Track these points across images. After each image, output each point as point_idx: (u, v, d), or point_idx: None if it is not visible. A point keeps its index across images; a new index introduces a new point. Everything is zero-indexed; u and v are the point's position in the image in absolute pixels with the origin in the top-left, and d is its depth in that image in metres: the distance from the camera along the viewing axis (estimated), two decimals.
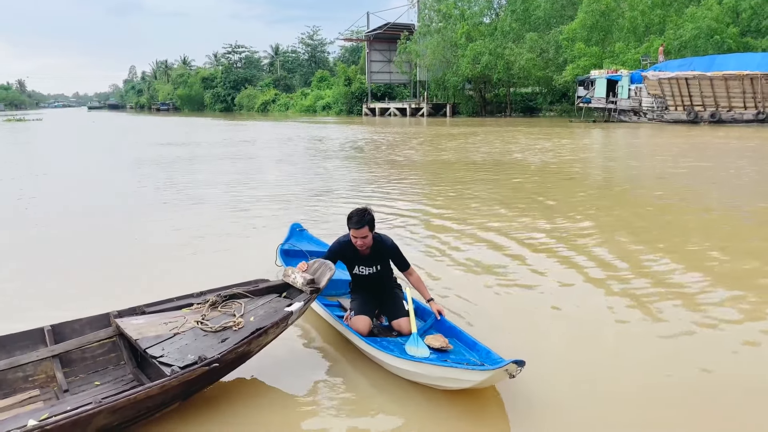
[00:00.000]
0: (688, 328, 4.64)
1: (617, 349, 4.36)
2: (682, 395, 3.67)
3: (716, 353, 4.24)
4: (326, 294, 4.94)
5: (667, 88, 32.20)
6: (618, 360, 4.17)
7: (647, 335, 4.53)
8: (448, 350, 3.86)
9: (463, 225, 8.46)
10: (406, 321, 4.27)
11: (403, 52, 56.03)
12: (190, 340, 3.69)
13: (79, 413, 2.85)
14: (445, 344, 3.88)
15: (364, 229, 4.20)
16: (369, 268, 4.45)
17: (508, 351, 3.82)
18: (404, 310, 4.37)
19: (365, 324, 4.26)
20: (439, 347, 3.88)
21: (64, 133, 40.43)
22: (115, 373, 3.83)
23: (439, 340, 3.93)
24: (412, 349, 3.89)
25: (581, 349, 4.36)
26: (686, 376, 3.90)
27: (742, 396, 3.65)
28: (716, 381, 3.87)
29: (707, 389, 3.78)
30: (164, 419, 3.39)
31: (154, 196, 11.98)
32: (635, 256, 6.64)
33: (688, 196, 10.89)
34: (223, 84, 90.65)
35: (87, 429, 2.90)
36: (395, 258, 4.47)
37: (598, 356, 4.26)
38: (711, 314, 4.87)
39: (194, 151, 22.93)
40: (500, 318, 4.92)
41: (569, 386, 3.80)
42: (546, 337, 4.54)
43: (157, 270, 6.59)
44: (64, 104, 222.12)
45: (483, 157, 18.29)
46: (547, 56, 43.25)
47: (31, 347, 3.76)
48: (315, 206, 10.28)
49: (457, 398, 3.57)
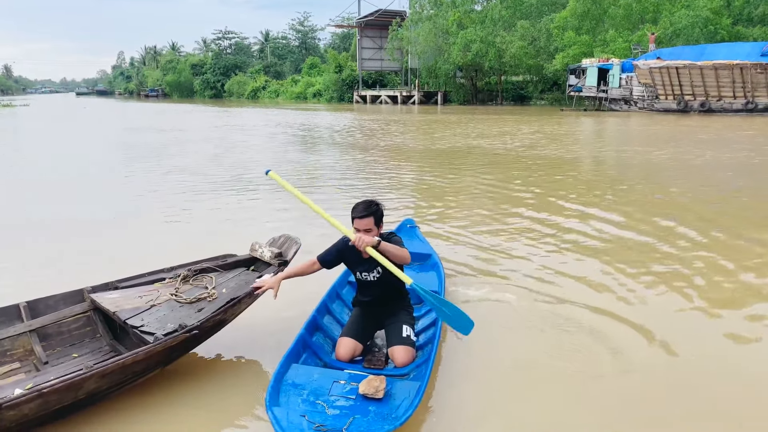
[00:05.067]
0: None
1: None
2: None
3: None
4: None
5: (657, 77, 32.28)
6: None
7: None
8: (377, 398, 3.17)
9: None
10: (401, 351, 3.63)
11: (394, 39, 55.77)
12: (167, 311, 3.81)
13: (72, 377, 2.99)
14: (374, 391, 3.16)
15: (369, 220, 3.58)
16: (370, 272, 3.80)
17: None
18: (402, 336, 3.70)
19: (347, 348, 3.73)
20: (365, 393, 3.19)
21: (55, 119, 40.07)
22: (92, 345, 3.92)
23: (372, 386, 3.20)
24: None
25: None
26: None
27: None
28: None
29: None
30: (146, 386, 3.53)
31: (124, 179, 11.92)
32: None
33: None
34: (213, 70, 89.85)
35: (79, 393, 3.06)
36: (394, 242, 3.72)
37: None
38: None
39: (179, 137, 22.79)
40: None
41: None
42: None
43: (128, 247, 6.77)
44: (51, 90, 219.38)
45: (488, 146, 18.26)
46: (538, 44, 43.23)
47: (7, 323, 3.83)
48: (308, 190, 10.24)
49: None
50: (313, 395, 3.22)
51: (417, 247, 5.46)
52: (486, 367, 3.83)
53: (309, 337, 3.84)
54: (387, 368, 3.64)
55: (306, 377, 3.39)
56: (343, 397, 3.21)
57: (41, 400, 2.87)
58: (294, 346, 3.63)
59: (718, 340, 4.20)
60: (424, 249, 5.44)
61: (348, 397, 3.20)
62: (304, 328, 3.84)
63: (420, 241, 5.67)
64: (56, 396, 2.94)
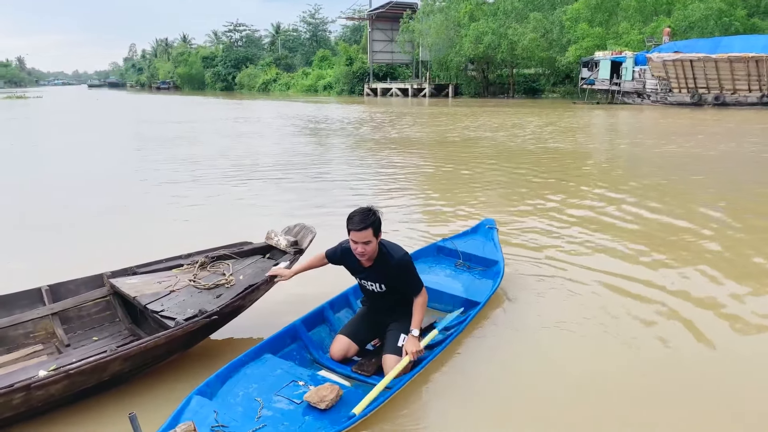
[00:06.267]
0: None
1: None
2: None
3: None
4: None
5: (671, 70, 31.94)
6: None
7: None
8: (320, 408, 3.02)
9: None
10: (391, 361, 3.41)
11: (405, 31, 55.46)
12: (186, 296, 3.87)
13: (98, 359, 3.08)
14: (317, 400, 3.02)
15: (366, 233, 3.33)
16: (374, 283, 3.59)
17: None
18: (396, 345, 3.50)
19: (340, 348, 3.59)
20: (309, 401, 3.05)
21: (69, 111, 40.37)
22: (111, 329, 4.00)
23: (319, 395, 3.05)
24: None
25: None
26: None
27: None
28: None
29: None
30: (164, 371, 3.59)
31: (141, 174, 12.01)
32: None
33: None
34: (224, 63, 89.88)
35: (103, 375, 3.15)
36: (403, 279, 3.51)
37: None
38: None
39: (195, 127, 22.90)
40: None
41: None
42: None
43: (143, 234, 6.95)
44: (63, 82, 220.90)
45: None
46: (550, 37, 42.85)
47: (30, 306, 3.92)
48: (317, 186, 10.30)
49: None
50: (259, 391, 3.12)
51: (487, 251, 5.24)
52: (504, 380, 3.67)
53: (304, 330, 3.77)
54: (374, 377, 3.41)
55: (267, 370, 3.29)
56: (287, 399, 3.08)
57: (68, 381, 2.96)
58: (274, 338, 3.56)
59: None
60: (492, 254, 5.16)
61: (293, 401, 3.07)
62: (300, 320, 3.79)
63: (492, 245, 5.35)
64: (82, 377, 3.03)
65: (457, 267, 5.14)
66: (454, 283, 4.79)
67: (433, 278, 4.76)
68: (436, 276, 4.91)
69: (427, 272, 4.90)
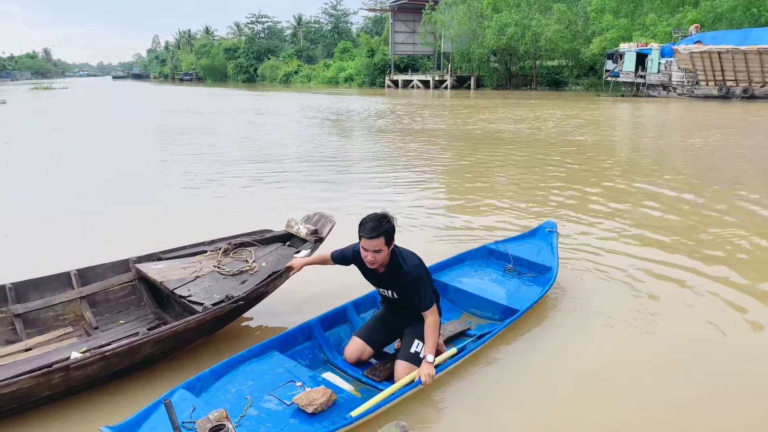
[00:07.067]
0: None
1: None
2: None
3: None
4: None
5: (698, 62, 31.33)
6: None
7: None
8: (307, 412, 2.90)
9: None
10: (402, 368, 3.26)
11: (427, 22, 55.15)
12: (211, 282, 3.94)
13: (131, 342, 3.19)
14: (306, 403, 2.90)
15: (378, 241, 3.14)
16: (386, 290, 3.45)
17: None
18: (409, 351, 3.36)
19: (354, 350, 3.48)
20: (297, 403, 2.93)
21: (95, 102, 40.97)
22: (138, 313, 4.10)
23: (309, 398, 2.94)
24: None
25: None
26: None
27: None
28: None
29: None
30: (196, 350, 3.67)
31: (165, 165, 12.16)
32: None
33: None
34: (246, 55, 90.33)
35: (135, 357, 3.26)
36: (410, 292, 3.29)
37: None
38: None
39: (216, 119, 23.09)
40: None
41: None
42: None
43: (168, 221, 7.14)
44: (88, 73, 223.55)
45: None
46: (575, 28, 42.30)
47: (59, 289, 4.03)
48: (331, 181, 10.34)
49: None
50: (253, 389, 3.03)
51: (541, 256, 4.91)
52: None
53: (320, 329, 3.65)
54: (384, 383, 3.25)
55: (269, 368, 3.21)
56: (278, 400, 2.97)
57: (103, 362, 3.08)
58: (284, 335, 3.50)
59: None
60: (546, 260, 4.82)
61: (283, 401, 2.96)
62: (317, 318, 3.69)
63: (549, 250, 4.98)
64: (117, 359, 3.14)
65: (506, 272, 4.86)
66: (497, 289, 4.51)
67: (476, 282, 4.58)
68: (480, 281, 4.66)
69: (472, 276, 4.73)
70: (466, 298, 4.35)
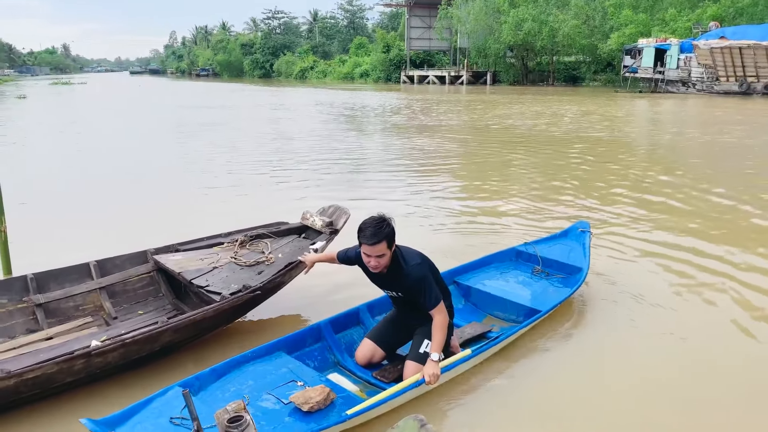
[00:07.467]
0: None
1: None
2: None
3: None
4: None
5: (719, 58, 30.85)
6: None
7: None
8: (302, 411, 2.85)
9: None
10: (411, 368, 3.21)
11: (444, 17, 54.85)
12: (228, 272, 3.99)
13: (151, 330, 3.26)
14: (302, 402, 2.86)
15: (380, 246, 3.06)
16: (390, 291, 3.41)
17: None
18: (418, 351, 3.29)
19: (364, 352, 3.42)
20: (293, 402, 2.88)
21: (114, 96, 41.43)
22: (156, 303, 4.17)
23: (305, 396, 2.89)
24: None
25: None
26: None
27: None
28: None
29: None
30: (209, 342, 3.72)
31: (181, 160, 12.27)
32: None
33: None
34: (262, 50, 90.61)
35: (154, 345, 3.33)
36: (414, 291, 3.21)
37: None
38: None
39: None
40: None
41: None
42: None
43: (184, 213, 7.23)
44: (106, 69, 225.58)
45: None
46: (592, 23, 41.86)
47: (79, 280, 4.11)
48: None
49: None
50: (252, 388, 3.00)
51: (572, 256, 4.77)
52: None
53: (330, 331, 3.59)
54: (393, 384, 3.15)
55: (273, 368, 3.16)
56: (276, 399, 2.93)
57: (124, 349, 3.16)
58: (292, 336, 3.43)
59: None
60: (577, 261, 4.68)
61: (281, 400, 2.92)
62: (327, 320, 3.62)
63: (581, 250, 4.83)
64: (136, 346, 3.21)
65: (535, 274, 4.72)
66: (523, 291, 4.40)
67: (501, 285, 4.48)
68: (506, 283, 4.55)
69: (497, 278, 4.62)
70: (490, 300, 4.26)
